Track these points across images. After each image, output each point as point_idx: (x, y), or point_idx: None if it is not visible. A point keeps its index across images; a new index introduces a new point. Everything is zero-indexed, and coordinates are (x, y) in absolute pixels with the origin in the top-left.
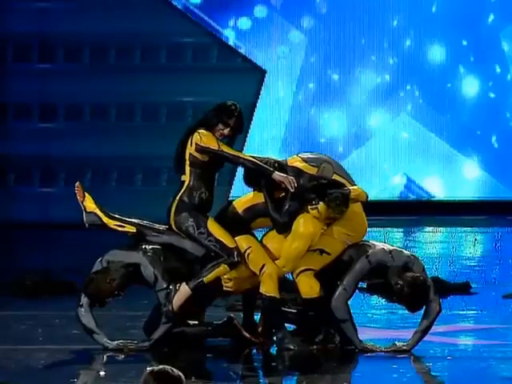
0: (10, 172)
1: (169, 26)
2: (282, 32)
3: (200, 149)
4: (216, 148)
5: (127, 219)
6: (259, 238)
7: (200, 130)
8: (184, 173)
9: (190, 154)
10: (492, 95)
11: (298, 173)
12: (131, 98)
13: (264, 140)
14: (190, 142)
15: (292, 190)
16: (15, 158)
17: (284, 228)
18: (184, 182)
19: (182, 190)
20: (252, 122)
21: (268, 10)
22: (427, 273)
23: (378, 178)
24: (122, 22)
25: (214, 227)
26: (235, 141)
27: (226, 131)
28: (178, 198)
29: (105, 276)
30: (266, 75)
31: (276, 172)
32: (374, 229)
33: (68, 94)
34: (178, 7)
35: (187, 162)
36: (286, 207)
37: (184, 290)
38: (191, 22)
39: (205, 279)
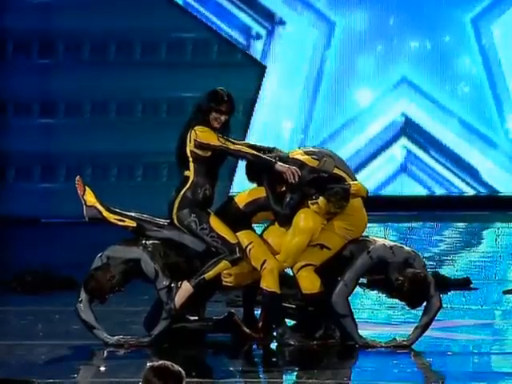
0: (10, 168)
1: (169, 22)
2: (283, 27)
3: (199, 145)
4: (216, 143)
5: (127, 213)
6: (259, 233)
7: (196, 127)
8: (188, 169)
9: (191, 150)
10: None
11: (299, 165)
12: (131, 93)
13: (264, 136)
14: (188, 139)
15: (293, 182)
16: (15, 153)
17: (286, 220)
18: (187, 177)
19: (187, 186)
20: (252, 118)
21: (269, 4)
22: (427, 269)
23: None
24: (122, 17)
25: (215, 223)
26: (229, 123)
27: (223, 118)
28: (181, 193)
29: (105, 273)
30: (266, 70)
31: (278, 163)
32: (374, 224)
33: (68, 89)
34: (177, 2)
35: (190, 159)
36: (288, 200)
37: (185, 288)
38: (191, 17)
39: (206, 276)
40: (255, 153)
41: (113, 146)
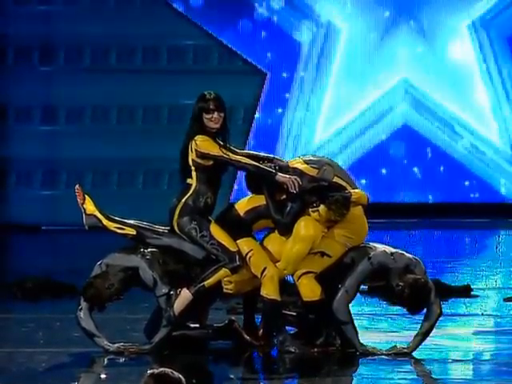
0: (11, 175)
1: (170, 29)
2: (282, 34)
3: (201, 155)
4: (216, 153)
5: (127, 221)
6: (259, 241)
7: (197, 137)
8: (190, 177)
9: (193, 160)
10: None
11: (298, 174)
12: (132, 100)
13: (264, 142)
14: (190, 149)
15: (294, 192)
16: (16, 160)
17: (287, 229)
18: (189, 184)
19: (189, 193)
20: (252, 125)
21: (269, 12)
22: (428, 276)
23: None
24: (123, 24)
25: (216, 231)
26: (226, 123)
27: (215, 116)
28: (183, 200)
29: (104, 280)
30: (267, 78)
31: (279, 173)
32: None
33: (69, 96)
34: (178, 9)
35: (192, 168)
36: (288, 208)
37: (185, 295)
38: (192, 24)
39: (206, 283)
40: (255, 164)
41: (113, 152)
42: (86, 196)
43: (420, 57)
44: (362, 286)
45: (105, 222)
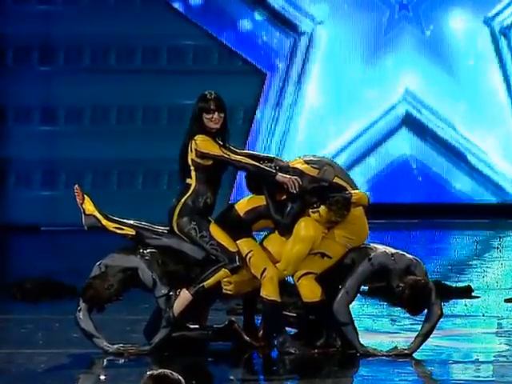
0: (10, 175)
1: (169, 29)
2: (283, 34)
3: (201, 154)
4: (216, 153)
5: (126, 221)
6: (259, 241)
7: (197, 137)
8: (189, 177)
9: (192, 159)
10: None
11: (299, 174)
12: (132, 100)
13: (264, 143)
14: (190, 149)
15: (294, 192)
16: (15, 160)
17: (287, 230)
18: (189, 185)
19: (188, 194)
20: (252, 125)
21: (267, 13)
22: (429, 276)
23: None
24: (123, 24)
25: (215, 231)
26: (226, 124)
27: (215, 116)
28: (182, 200)
29: (103, 281)
30: (267, 78)
31: (279, 173)
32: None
33: (68, 96)
34: (178, 10)
35: (192, 168)
36: (289, 209)
37: (184, 296)
38: (192, 24)
39: (205, 284)
40: (256, 163)
41: (113, 152)
42: (85, 196)
43: (422, 66)
44: (362, 287)
45: (104, 222)
